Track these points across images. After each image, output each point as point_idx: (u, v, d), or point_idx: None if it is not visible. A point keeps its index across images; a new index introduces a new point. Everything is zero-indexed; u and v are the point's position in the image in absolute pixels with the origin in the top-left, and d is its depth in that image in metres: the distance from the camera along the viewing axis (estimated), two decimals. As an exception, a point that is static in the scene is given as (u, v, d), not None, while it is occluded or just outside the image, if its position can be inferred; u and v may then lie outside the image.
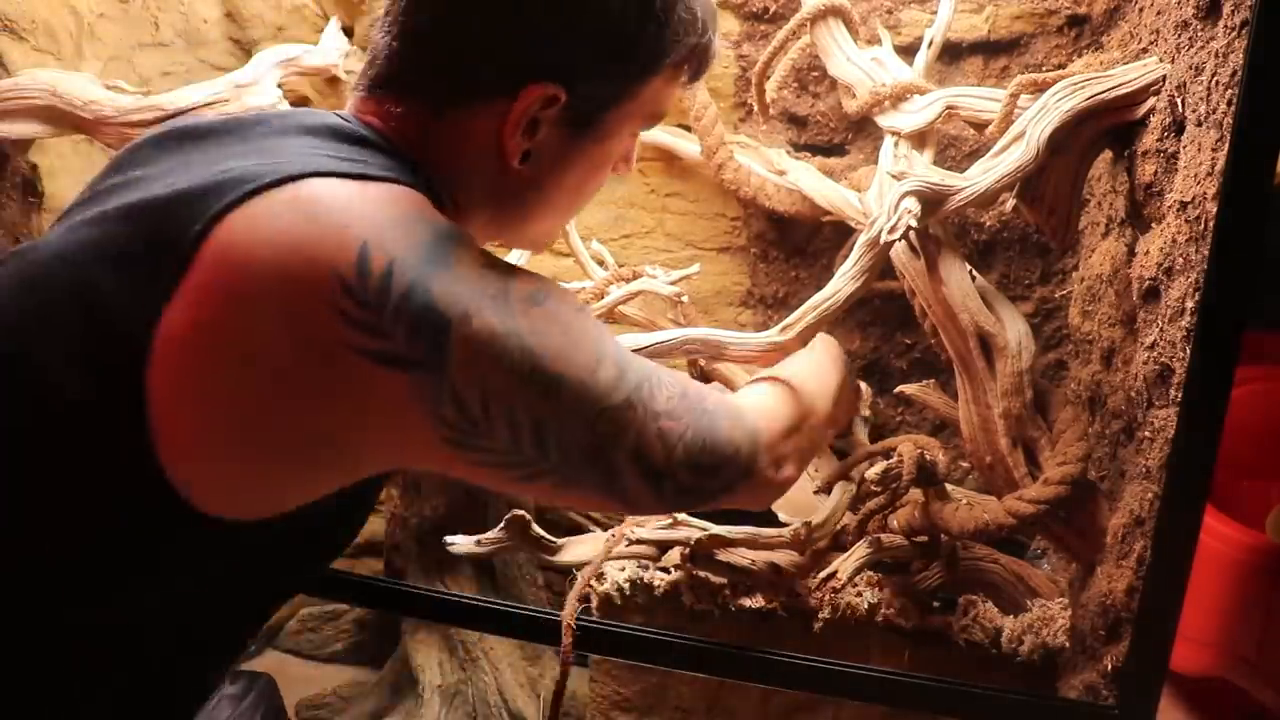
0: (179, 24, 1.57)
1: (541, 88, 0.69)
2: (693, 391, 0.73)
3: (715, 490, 0.75)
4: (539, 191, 0.76)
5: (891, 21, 1.35)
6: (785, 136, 1.46)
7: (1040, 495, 0.96)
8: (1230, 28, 0.78)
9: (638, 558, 1.13)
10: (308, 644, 1.92)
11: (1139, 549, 0.90)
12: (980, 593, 1.10)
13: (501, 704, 1.60)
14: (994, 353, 1.00)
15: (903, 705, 1.02)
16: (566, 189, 0.78)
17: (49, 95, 1.30)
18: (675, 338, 0.96)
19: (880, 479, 1.02)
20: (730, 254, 1.53)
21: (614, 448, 0.67)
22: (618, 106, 0.74)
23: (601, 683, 1.28)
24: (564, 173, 0.76)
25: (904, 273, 1.06)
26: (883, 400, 1.44)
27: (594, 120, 0.73)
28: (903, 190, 0.92)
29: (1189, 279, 0.82)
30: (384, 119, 0.71)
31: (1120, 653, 0.91)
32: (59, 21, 1.40)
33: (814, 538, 1.07)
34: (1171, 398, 0.85)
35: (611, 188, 1.54)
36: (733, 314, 1.54)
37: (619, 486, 0.69)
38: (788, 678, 0.98)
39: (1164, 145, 0.89)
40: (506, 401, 0.62)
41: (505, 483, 0.67)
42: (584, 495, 0.70)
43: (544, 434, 0.64)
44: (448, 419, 0.61)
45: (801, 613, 1.08)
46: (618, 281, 1.20)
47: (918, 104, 1.13)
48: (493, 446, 0.63)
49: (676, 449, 0.70)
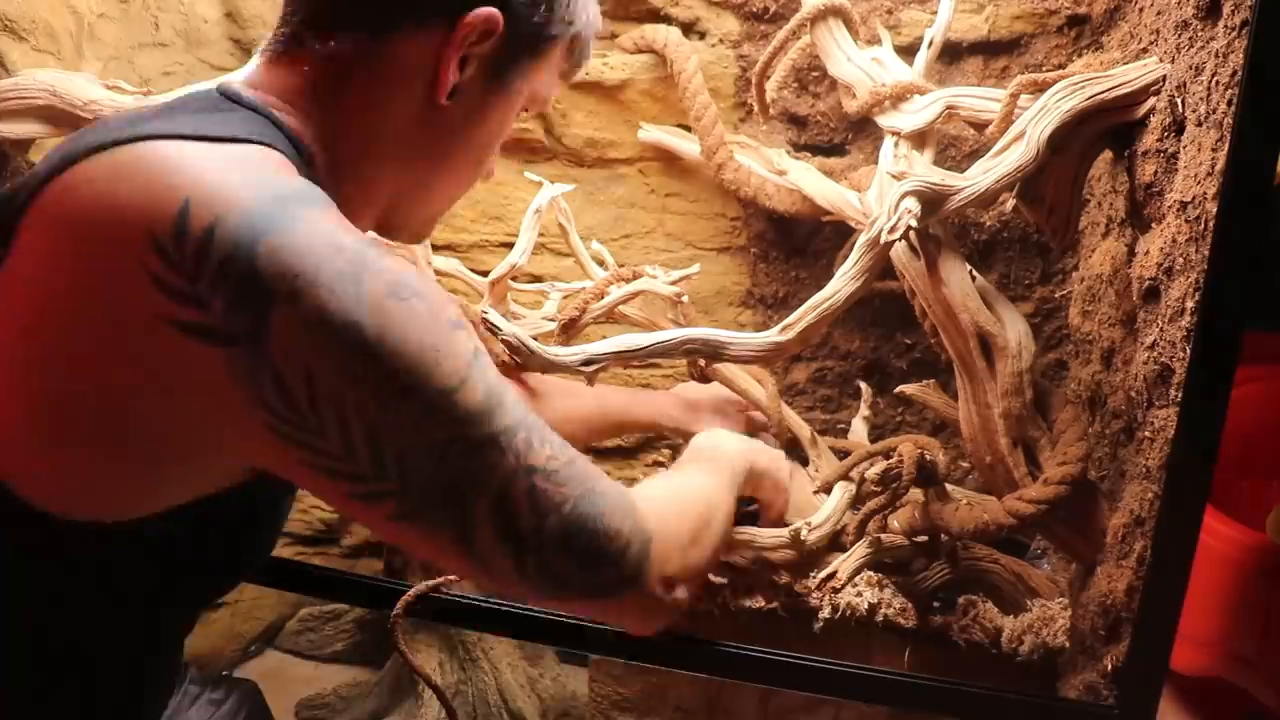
0: (179, 24, 1.56)
1: (486, 11, 0.69)
2: (582, 464, 0.64)
3: (590, 589, 0.64)
4: (449, 144, 0.74)
5: (891, 21, 1.35)
6: (785, 136, 1.46)
7: (1040, 495, 0.96)
8: (1230, 28, 0.78)
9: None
10: (308, 644, 1.92)
11: (1139, 549, 0.90)
12: (980, 593, 1.10)
13: (501, 704, 1.60)
14: (994, 353, 1.00)
15: (903, 705, 1.02)
16: (472, 148, 0.77)
17: (49, 95, 1.30)
18: (675, 338, 0.96)
19: (880, 479, 1.02)
20: (730, 254, 1.53)
21: (471, 490, 0.58)
22: (530, 62, 0.76)
23: (601, 683, 1.28)
24: (474, 127, 0.75)
25: (904, 273, 1.06)
26: (883, 400, 1.44)
27: (507, 74, 0.74)
28: (903, 190, 0.92)
29: (1189, 279, 0.82)
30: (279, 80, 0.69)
31: (1120, 653, 0.91)
32: (59, 21, 1.40)
33: (814, 538, 1.07)
34: (1171, 398, 0.85)
35: (612, 188, 1.54)
36: (733, 314, 1.54)
37: (471, 541, 0.59)
38: (788, 678, 0.98)
39: (1164, 145, 0.89)
40: (335, 398, 0.54)
41: (345, 500, 0.58)
42: (431, 540, 0.60)
43: (380, 446, 0.56)
44: (269, 403, 0.54)
45: (801, 613, 1.08)
46: (618, 281, 1.20)
47: (918, 104, 1.13)
48: (324, 448, 0.55)
49: (549, 519, 0.60)
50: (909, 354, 1.47)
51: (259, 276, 0.52)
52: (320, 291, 0.53)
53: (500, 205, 1.59)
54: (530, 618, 1.05)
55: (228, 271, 0.52)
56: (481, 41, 0.71)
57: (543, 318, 1.28)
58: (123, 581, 0.64)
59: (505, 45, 0.72)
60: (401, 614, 0.97)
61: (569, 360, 0.94)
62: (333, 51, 0.69)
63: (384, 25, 0.69)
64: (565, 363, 0.94)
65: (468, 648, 1.62)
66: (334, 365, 0.54)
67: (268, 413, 0.54)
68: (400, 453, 0.56)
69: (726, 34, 1.44)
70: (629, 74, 1.46)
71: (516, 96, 0.77)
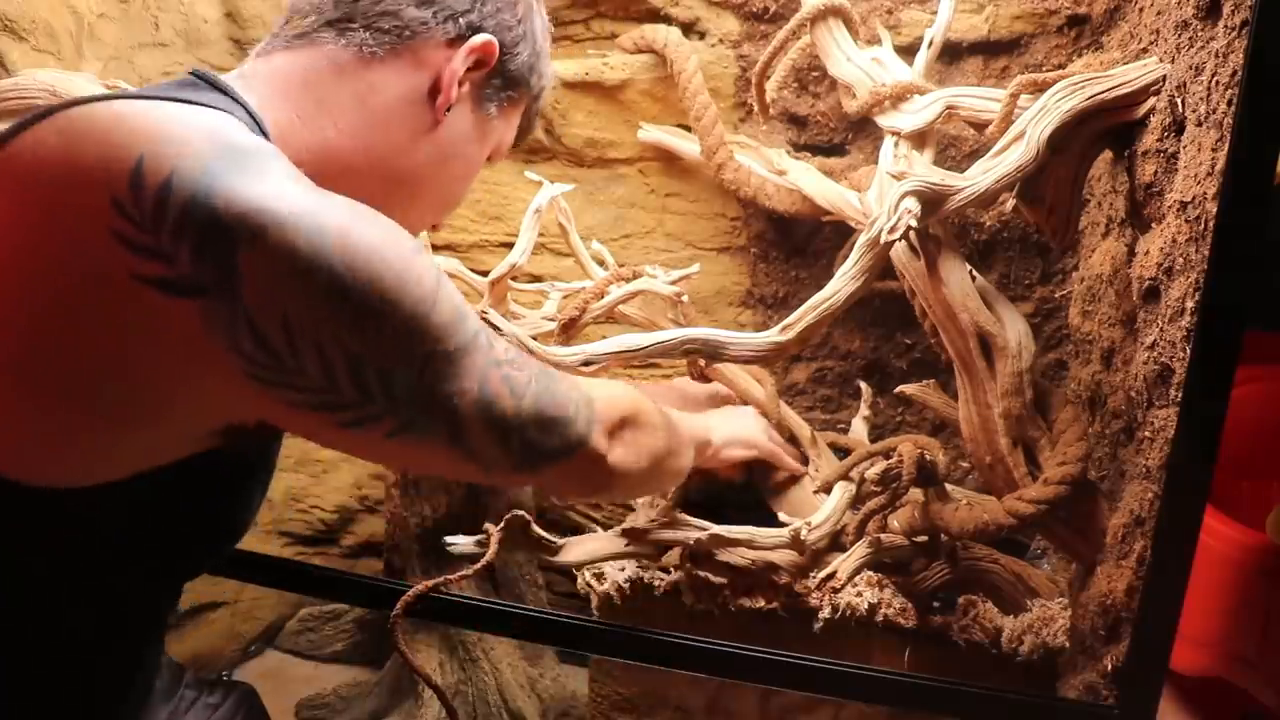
0: (179, 24, 1.56)
1: (489, 39, 0.75)
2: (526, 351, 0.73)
3: (555, 452, 0.70)
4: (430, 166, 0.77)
5: (891, 21, 1.35)
6: (785, 136, 1.46)
7: (1040, 495, 0.96)
8: (1230, 28, 0.78)
9: (637, 557, 1.13)
10: (308, 644, 1.92)
11: (1139, 549, 0.90)
12: (980, 593, 1.10)
13: (501, 704, 1.60)
14: (994, 353, 1.00)
15: (903, 705, 1.02)
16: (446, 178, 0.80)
17: (49, 95, 1.30)
18: (675, 338, 0.96)
19: (880, 479, 1.02)
20: (730, 254, 1.53)
21: (455, 392, 0.62)
22: (508, 103, 0.81)
23: (601, 683, 1.28)
24: (455, 154, 0.78)
25: (904, 273, 1.06)
26: (883, 400, 1.44)
27: (490, 107, 0.79)
28: (903, 190, 0.92)
29: (1189, 279, 0.82)
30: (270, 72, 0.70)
31: (1120, 653, 0.91)
32: (59, 21, 1.40)
33: (814, 538, 1.07)
34: (1171, 398, 0.85)
35: (612, 188, 1.54)
36: (733, 314, 1.54)
37: (463, 438, 0.64)
38: (788, 678, 0.98)
39: (1164, 145, 0.89)
40: (313, 335, 0.55)
41: (333, 429, 0.60)
42: (426, 448, 0.64)
43: (362, 373, 0.58)
44: (246, 349, 0.54)
45: (801, 613, 1.08)
46: (618, 281, 1.20)
47: (918, 104, 1.13)
48: (306, 385, 0.57)
49: (525, 398, 0.66)
50: (909, 354, 1.47)
51: (220, 223, 0.52)
52: (285, 231, 0.53)
53: (500, 205, 1.59)
54: (530, 618, 1.05)
55: (188, 221, 0.52)
56: (477, 69, 0.76)
57: (543, 318, 1.28)
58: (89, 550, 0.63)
59: (493, 79, 0.78)
60: (401, 614, 0.97)
61: (569, 360, 0.95)
62: (336, 53, 0.70)
63: (394, 35, 0.72)
64: (565, 363, 0.94)
65: (468, 648, 1.62)
66: (308, 302, 0.55)
67: (245, 360, 0.55)
68: (383, 375, 0.58)
69: (726, 34, 1.44)
70: (629, 74, 1.46)
71: (491, 136, 0.82)
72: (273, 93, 0.69)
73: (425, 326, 0.60)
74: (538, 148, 1.55)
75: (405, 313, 0.58)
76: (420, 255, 0.61)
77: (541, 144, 1.55)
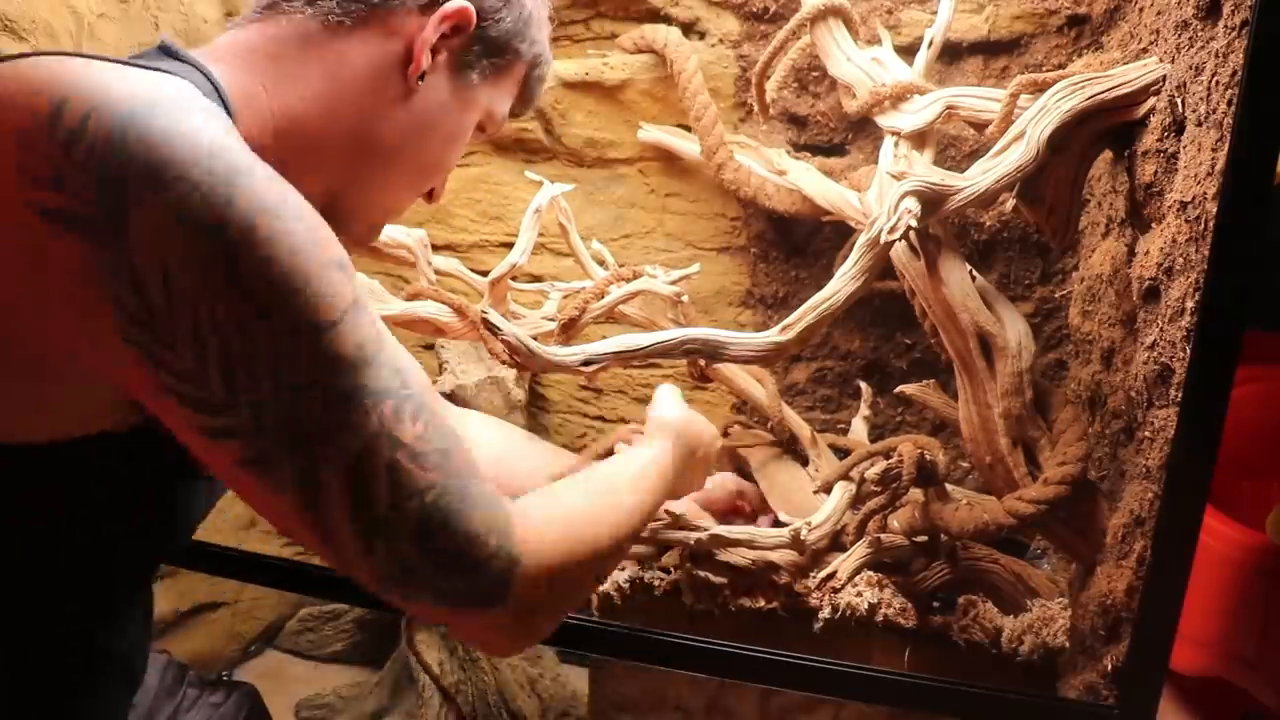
0: (179, 24, 1.56)
1: (464, 5, 0.73)
2: (461, 457, 0.57)
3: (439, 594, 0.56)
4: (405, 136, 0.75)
5: (891, 21, 1.35)
6: (785, 136, 1.46)
7: (1040, 495, 0.96)
8: (1230, 28, 0.78)
9: (637, 557, 1.13)
10: (308, 644, 1.92)
11: (1139, 549, 0.90)
12: (980, 593, 1.10)
13: (501, 704, 1.60)
14: (994, 353, 1.00)
15: (903, 705, 1.02)
16: (425, 148, 0.78)
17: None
18: (675, 338, 0.96)
19: (880, 479, 1.02)
20: (730, 254, 1.53)
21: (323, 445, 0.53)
22: (493, 72, 0.79)
23: (601, 683, 1.28)
24: (433, 125, 0.77)
25: (904, 273, 1.06)
26: (883, 400, 1.44)
27: (471, 76, 0.78)
28: (903, 190, 0.92)
29: (1189, 279, 0.82)
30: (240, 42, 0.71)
31: (1120, 653, 0.91)
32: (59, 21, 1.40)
33: (814, 538, 1.07)
34: (1171, 398, 0.85)
35: (612, 188, 1.54)
36: (733, 314, 1.54)
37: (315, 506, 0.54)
38: (788, 678, 0.98)
39: (1164, 145, 0.89)
40: (190, 305, 0.51)
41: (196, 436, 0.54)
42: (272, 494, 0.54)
43: (233, 369, 0.52)
44: (123, 301, 0.50)
45: (801, 613, 1.08)
46: (618, 281, 1.20)
47: (918, 104, 1.13)
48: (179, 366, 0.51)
49: (409, 503, 0.54)
50: (909, 354, 1.47)
51: (127, 163, 0.50)
52: (186, 185, 0.50)
53: (500, 205, 1.59)
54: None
55: (94, 155, 0.50)
56: (454, 35, 0.74)
57: (543, 318, 1.28)
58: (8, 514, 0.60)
59: (473, 45, 0.76)
60: None
61: (569, 360, 0.94)
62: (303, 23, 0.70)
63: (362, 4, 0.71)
64: (565, 363, 0.94)
65: (468, 648, 1.62)
66: (192, 266, 0.50)
67: (121, 314, 0.51)
68: (253, 381, 0.52)
69: (726, 34, 1.44)
70: (629, 74, 1.46)
71: (476, 105, 0.80)
72: (239, 64, 0.69)
73: (312, 345, 0.52)
74: (538, 148, 1.55)
75: (291, 317, 0.52)
76: (338, 273, 0.55)
77: (541, 144, 1.55)
